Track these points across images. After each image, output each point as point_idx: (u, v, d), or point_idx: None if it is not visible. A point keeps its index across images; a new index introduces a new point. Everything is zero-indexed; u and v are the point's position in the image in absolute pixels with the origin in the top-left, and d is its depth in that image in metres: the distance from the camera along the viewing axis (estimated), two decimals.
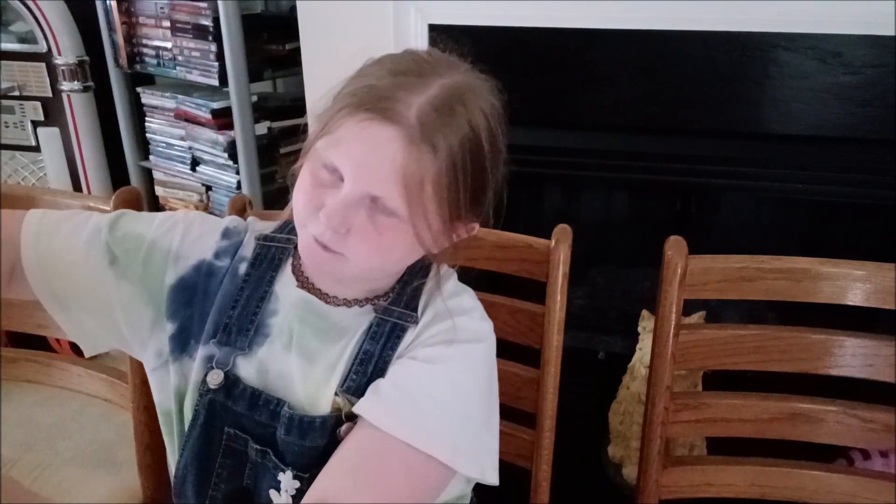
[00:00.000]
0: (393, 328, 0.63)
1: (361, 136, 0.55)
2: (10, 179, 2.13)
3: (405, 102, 0.55)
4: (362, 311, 0.65)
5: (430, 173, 0.55)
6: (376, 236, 0.57)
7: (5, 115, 2.03)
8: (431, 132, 0.55)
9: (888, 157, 1.16)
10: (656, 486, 0.86)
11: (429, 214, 0.57)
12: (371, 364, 0.61)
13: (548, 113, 1.29)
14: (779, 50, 1.14)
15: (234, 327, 0.64)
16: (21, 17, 1.93)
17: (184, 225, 0.67)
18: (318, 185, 0.58)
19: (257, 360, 0.63)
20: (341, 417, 0.60)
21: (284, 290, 0.65)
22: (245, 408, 0.62)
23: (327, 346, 0.63)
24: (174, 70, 1.80)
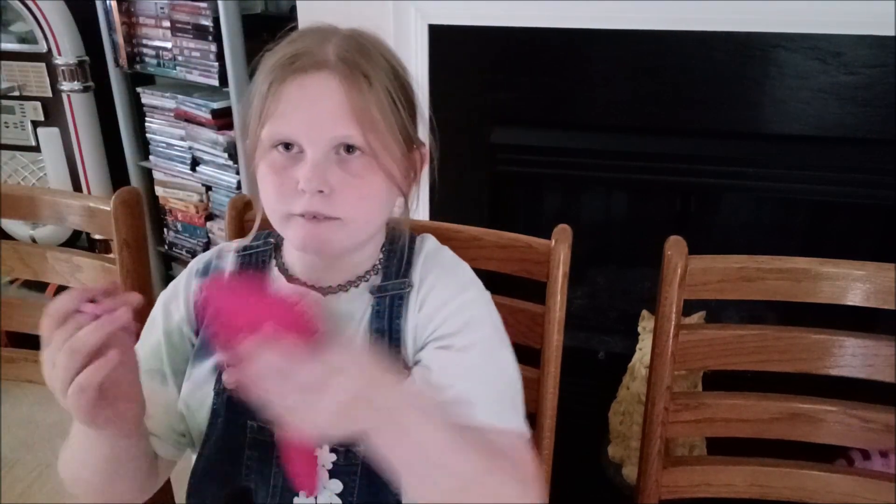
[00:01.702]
0: (392, 300, 0.64)
1: (297, 96, 0.58)
2: (10, 179, 2.13)
3: (321, 50, 0.58)
4: (358, 294, 0.65)
5: (372, 101, 0.58)
6: (356, 180, 0.59)
7: (5, 115, 2.03)
8: (357, 64, 0.58)
9: (888, 157, 1.16)
10: (656, 486, 0.86)
11: (386, 142, 0.60)
12: (385, 339, 0.62)
13: (547, 113, 1.29)
14: (779, 50, 1.14)
15: None
16: (21, 17, 1.93)
17: (163, 308, 0.68)
18: (281, 170, 0.59)
19: None
20: None
21: (276, 287, 0.66)
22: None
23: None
24: (174, 70, 1.81)
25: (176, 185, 1.98)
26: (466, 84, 1.31)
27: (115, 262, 0.91)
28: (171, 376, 0.67)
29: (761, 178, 1.27)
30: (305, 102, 0.58)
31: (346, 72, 0.58)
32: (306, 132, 0.58)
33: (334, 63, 0.58)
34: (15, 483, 0.98)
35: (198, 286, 0.69)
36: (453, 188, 1.38)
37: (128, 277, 0.90)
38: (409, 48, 1.28)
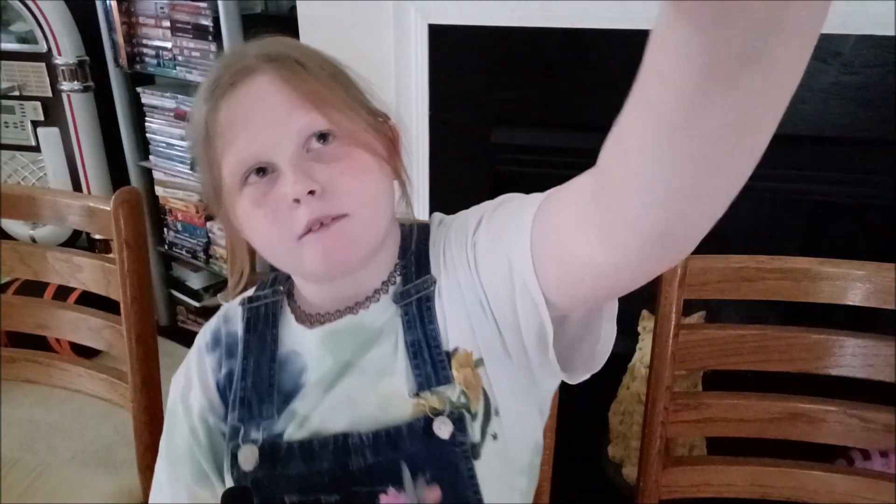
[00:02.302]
0: (419, 305, 0.57)
1: (239, 113, 0.53)
2: (10, 179, 2.13)
3: (240, 60, 0.54)
4: (384, 306, 0.59)
5: (313, 79, 0.54)
6: (342, 164, 0.54)
7: (5, 115, 2.03)
8: (283, 55, 0.54)
9: (888, 157, 1.16)
10: (656, 486, 0.86)
11: (351, 116, 0.55)
12: (425, 349, 0.56)
13: (547, 113, 1.29)
14: None
15: (254, 398, 0.59)
16: (21, 17, 1.93)
17: (181, 401, 0.63)
18: (264, 199, 0.53)
19: (293, 415, 0.58)
20: (429, 416, 0.55)
21: (300, 343, 0.60)
22: (301, 465, 0.56)
23: (374, 352, 0.58)
24: (174, 70, 1.80)
25: (176, 185, 1.97)
26: (466, 84, 1.31)
27: (115, 262, 0.91)
28: (213, 474, 0.62)
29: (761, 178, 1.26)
30: (250, 115, 0.53)
31: (276, 65, 0.53)
32: (268, 142, 0.52)
33: (259, 64, 0.53)
34: (15, 483, 0.98)
35: (214, 362, 0.63)
36: (453, 188, 1.38)
37: (128, 277, 0.90)
38: (409, 48, 1.28)
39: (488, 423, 0.56)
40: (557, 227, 0.46)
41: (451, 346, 0.56)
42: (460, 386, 0.56)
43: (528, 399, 0.60)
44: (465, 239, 0.56)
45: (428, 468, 0.55)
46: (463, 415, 0.55)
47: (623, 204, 0.37)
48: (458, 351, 0.56)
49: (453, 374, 0.55)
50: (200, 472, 0.62)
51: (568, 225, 0.45)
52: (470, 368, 0.56)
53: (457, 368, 0.56)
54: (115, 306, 0.93)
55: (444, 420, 0.54)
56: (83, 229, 0.99)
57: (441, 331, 0.56)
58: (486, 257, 0.54)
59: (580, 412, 1.20)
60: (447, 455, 0.55)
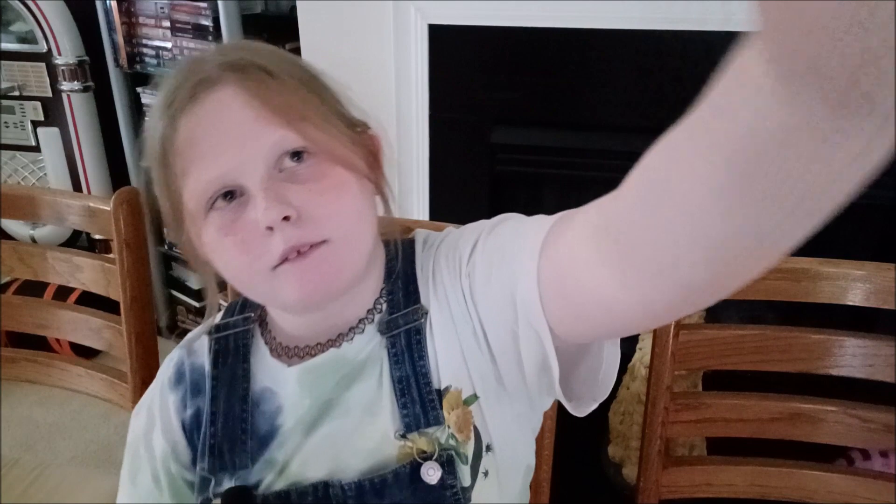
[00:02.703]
0: (408, 337, 0.52)
1: (203, 130, 0.47)
2: (10, 179, 2.13)
3: (200, 71, 0.47)
4: (368, 337, 0.54)
5: (286, 94, 0.47)
6: (319, 184, 0.48)
7: (5, 115, 2.03)
8: (248, 62, 0.47)
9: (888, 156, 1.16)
10: (656, 486, 0.86)
11: (326, 128, 0.49)
12: (413, 387, 0.51)
13: (548, 113, 1.29)
14: None
15: (225, 446, 0.54)
16: (21, 17, 1.93)
17: (144, 442, 0.57)
18: (232, 226, 0.48)
19: (271, 463, 0.53)
20: (416, 460, 0.50)
21: (276, 380, 0.55)
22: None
23: (355, 388, 0.53)
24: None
25: None
26: (466, 84, 1.31)
27: (114, 262, 0.91)
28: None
29: None
30: (213, 132, 0.46)
31: (240, 75, 0.47)
32: (235, 164, 0.46)
33: (221, 74, 0.47)
34: (15, 483, 0.98)
35: (177, 400, 0.57)
36: (453, 188, 1.38)
37: (128, 277, 0.90)
38: (409, 48, 1.28)
39: (479, 462, 0.52)
40: (569, 262, 0.42)
41: (442, 384, 0.52)
42: (450, 429, 0.51)
43: (522, 425, 0.56)
44: (459, 267, 0.52)
45: None
46: (453, 457, 0.51)
47: (655, 253, 0.34)
48: (450, 390, 0.52)
49: (444, 415, 0.51)
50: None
51: (582, 262, 0.41)
52: (461, 408, 0.52)
53: (448, 409, 0.51)
54: (115, 306, 0.93)
55: (433, 465, 0.50)
56: (83, 229, 0.99)
57: (432, 367, 0.52)
58: (483, 287, 0.49)
59: None
60: (437, 501, 0.51)
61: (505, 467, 0.54)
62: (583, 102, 1.27)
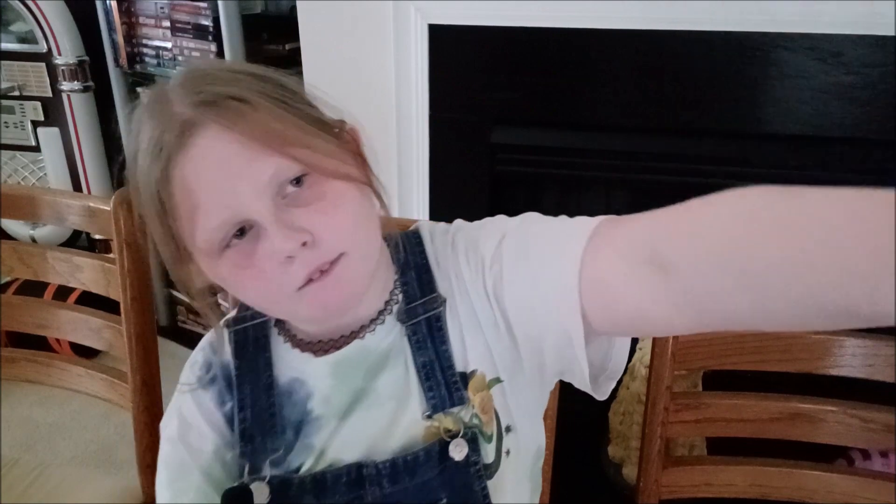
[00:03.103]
0: (429, 325, 0.55)
1: (198, 177, 0.47)
2: (10, 179, 2.13)
3: (172, 116, 0.48)
4: (389, 327, 0.57)
5: (267, 120, 0.48)
6: (323, 203, 0.49)
7: (5, 115, 2.04)
8: (217, 95, 0.48)
9: (888, 157, 1.16)
10: (656, 486, 0.86)
11: (313, 144, 0.50)
12: (437, 371, 0.55)
13: (548, 113, 1.29)
14: (779, 50, 1.14)
15: (256, 431, 0.56)
16: (21, 17, 1.93)
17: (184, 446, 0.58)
18: (248, 258, 0.49)
19: (309, 448, 0.56)
20: (445, 440, 0.54)
21: (304, 371, 0.57)
22: (313, 499, 0.54)
23: (384, 377, 0.56)
24: (174, 70, 1.80)
25: None
26: (466, 84, 1.31)
27: (115, 262, 0.91)
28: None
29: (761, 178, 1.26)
30: (211, 177, 0.47)
31: (217, 112, 0.47)
32: (241, 202, 0.47)
33: (199, 115, 0.47)
34: (15, 483, 0.98)
35: (215, 397, 0.58)
36: (453, 188, 1.38)
37: (128, 277, 0.90)
38: (409, 48, 1.28)
39: (501, 441, 0.56)
40: (614, 283, 0.45)
41: (469, 368, 0.55)
42: (475, 409, 0.55)
43: (536, 407, 0.60)
44: (482, 265, 0.54)
45: (444, 493, 0.54)
46: (477, 435, 0.55)
47: (721, 308, 0.39)
48: (476, 374, 0.55)
49: (468, 396, 0.55)
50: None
51: (628, 287, 0.44)
52: (486, 391, 0.55)
53: (473, 391, 0.55)
54: (115, 306, 0.93)
55: (460, 442, 0.54)
56: (83, 229, 0.99)
57: (458, 352, 0.55)
58: (512, 287, 0.52)
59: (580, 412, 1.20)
60: (462, 477, 0.54)
61: (523, 447, 0.58)
62: (583, 102, 1.27)
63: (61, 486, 0.98)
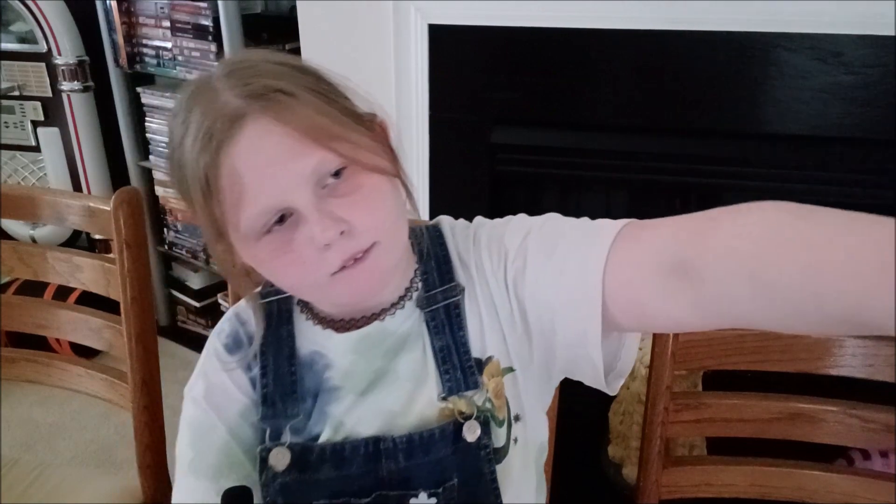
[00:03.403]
0: (447, 311, 0.58)
1: (247, 165, 0.50)
2: (10, 179, 2.13)
3: (223, 106, 0.50)
4: (409, 312, 0.60)
5: (311, 114, 0.50)
6: (360, 194, 0.52)
7: (5, 115, 2.04)
8: (265, 88, 0.50)
9: (888, 157, 1.16)
10: (656, 486, 0.86)
11: (350, 136, 0.52)
12: (454, 355, 0.58)
13: (548, 113, 1.29)
14: (779, 50, 1.14)
15: (277, 397, 0.59)
16: (21, 17, 1.93)
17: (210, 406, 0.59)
18: (287, 245, 0.52)
19: (327, 417, 0.58)
20: (459, 421, 0.57)
21: (325, 345, 0.60)
22: (331, 469, 0.56)
23: (403, 358, 0.59)
24: (174, 70, 1.81)
25: None
26: (466, 84, 1.31)
27: (115, 262, 0.91)
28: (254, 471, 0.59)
29: (761, 178, 1.27)
30: (258, 166, 0.50)
31: (265, 105, 0.49)
32: (284, 191, 0.50)
33: (248, 107, 0.49)
34: (15, 483, 0.98)
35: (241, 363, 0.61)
36: (453, 188, 1.38)
37: (128, 277, 0.90)
38: (409, 48, 1.28)
39: (510, 428, 0.59)
40: (639, 286, 0.48)
41: (486, 354, 0.58)
42: (489, 393, 0.57)
43: (541, 402, 0.63)
44: (504, 259, 0.57)
45: (455, 472, 0.57)
46: (489, 419, 0.57)
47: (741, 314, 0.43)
48: (492, 360, 0.58)
49: (483, 381, 0.57)
50: (246, 476, 0.58)
51: (654, 291, 0.47)
52: (499, 377, 0.58)
53: (488, 377, 0.58)
54: (115, 306, 0.93)
55: (473, 424, 0.56)
56: (83, 229, 0.99)
57: (475, 339, 0.58)
58: (534, 284, 0.55)
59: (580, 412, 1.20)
60: (473, 459, 0.57)
61: (530, 438, 0.61)
62: (583, 102, 1.27)
63: (61, 486, 0.98)
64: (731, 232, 0.43)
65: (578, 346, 0.52)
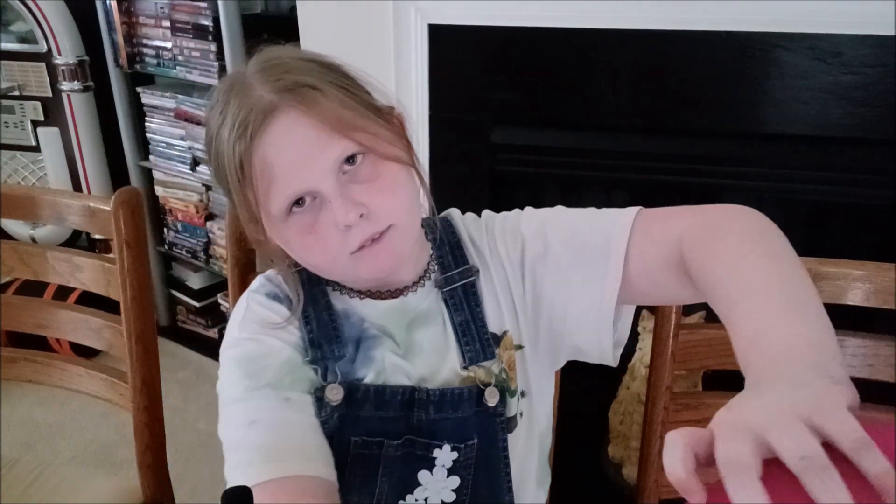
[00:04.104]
0: (464, 290, 0.64)
1: (275, 152, 0.55)
2: (10, 179, 2.13)
3: (258, 99, 0.55)
4: (427, 291, 0.65)
5: (335, 108, 0.56)
6: (378, 181, 0.57)
7: (5, 115, 2.04)
8: (296, 83, 0.55)
9: (888, 157, 1.16)
10: (656, 486, 0.86)
11: (369, 127, 0.57)
12: (473, 329, 0.63)
13: (548, 113, 1.29)
14: (779, 50, 1.14)
15: (323, 340, 0.62)
16: (21, 17, 1.93)
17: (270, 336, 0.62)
18: (313, 227, 0.57)
19: (371, 360, 0.62)
20: (480, 386, 0.62)
21: (353, 308, 0.64)
22: (372, 409, 0.61)
23: (425, 332, 0.64)
24: (174, 70, 1.81)
25: (176, 185, 1.98)
26: (466, 84, 1.31)
27: (115, 262, 0.91)
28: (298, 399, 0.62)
29: (761, 178, 1.27)
30: (288, 154, 0.55)
31: (295, 98, 0.55)
32: (311, 177, 0.56)
33: (280, 100, 0.55)
34: (15, 483, 0.98)
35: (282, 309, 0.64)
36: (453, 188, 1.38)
37: (128, 277, 0.90)
38: (409, 48, 1.28)
39: (519, 402, 0.65)
40: (653, 272, 0.59)
41: (502, 329, 0.64)
42: (503, 364, 0.64)
43: (545, 380, 0.69)
44: (521, 242, 0.64)
45: (475, 433, 0.62)
46: (504, 389, 0.63)
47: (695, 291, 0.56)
48: (507, 335, 0.64)
49: (499, 353, 0.63)
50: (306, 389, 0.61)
51: (662, 276, 0.58)
52: (512, 351, 0.64)
53: (503, 349, 0.64)
54: (115, 306, 0.93)
55: (493, 390, 0.62)
56: (83, 229, 0.99)
57: (492, 315, 0.64)
58: (555, 265, 0.62)
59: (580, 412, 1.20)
60: (490, 424, 0.63)
61: (535, 416, 0.67)
62: (583, 102, 1.27)
63: (61, 486, 0.98)
64: (718, 242, 0.53)
65: (589, 322, 0.61)
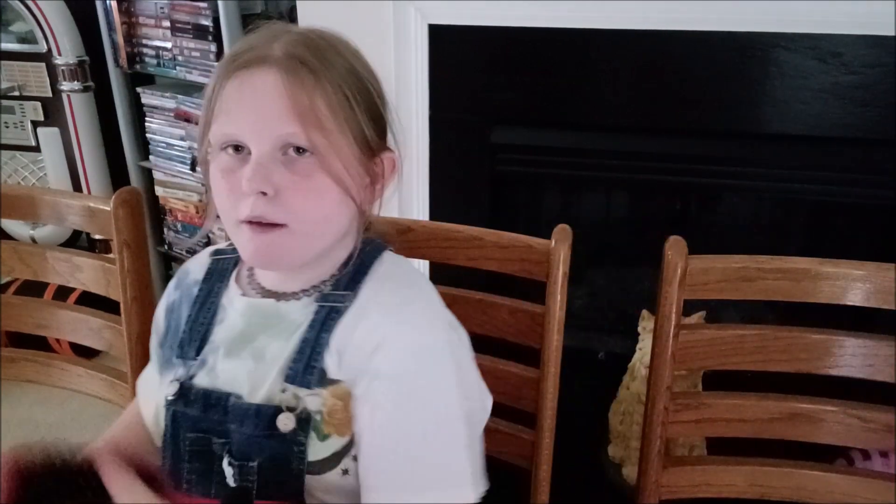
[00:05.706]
0: (329, 312, 0.60)
1: (239, 93, 0.57)
2: (10, 179, 2.13)
3: (267, 46, 0.57)
4: (307, 303, 0.62)
5: (318, 94, 0.56)
6: (305, 181, 0.56)
7: (5, 115, 2.04)
8: (304, 60, 0.56)
9: (888, 157, 1.16)
10: (656, 486, 0.86)
11: (335, 141, 0.57)
12: (308, 350, 0.59)
13: (547, 113, 1.29)
14: (779, 50, 1.14)
15: (186, 341, 0.66)
16: (21, 17, 1.93)
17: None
18: (229, 172, 0.57)
19: (208, 366, 0.64)
20: (280, 407, 0.58)
21: (230, 300, 0.66)
22: (200, 409, 0.62)
23: (279, 342, 0.61)
24: (174, 70, 1.81)
25: (176, 184, 1.97)
26: (466, 84, 1.31)
27: (114, 262, 0.91)
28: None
29: (761, 178, 1.27)
30: (248, 100, 0.56)
31: (291, 67, 0.55)
32: (250, 130, 0.56)
33: (278, 58, 0.56)
34: None
35: (172, 296, 0.71)
36: (453, 188, 1.38)
37: (128, 277, 0.90)
38: (409, 48, 1.28)
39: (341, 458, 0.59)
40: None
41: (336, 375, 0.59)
42: (324, 406, 0.58)
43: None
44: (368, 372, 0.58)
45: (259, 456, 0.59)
46: (308, 424, 0.58)
47: None
48: (340, 384, 0.59)
49: (321, 391, 0.58)
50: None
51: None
52: (342, 402, 0.58)
53: (331, 394, 0.58)
54: (115, 306, 0.93)
55: (289, 416, 0.57)
56: (83, 229, 0.99)
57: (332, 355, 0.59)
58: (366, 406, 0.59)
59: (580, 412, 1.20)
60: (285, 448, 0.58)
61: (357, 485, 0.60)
62: (583, 102, 1.27)
63: None
64: None
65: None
